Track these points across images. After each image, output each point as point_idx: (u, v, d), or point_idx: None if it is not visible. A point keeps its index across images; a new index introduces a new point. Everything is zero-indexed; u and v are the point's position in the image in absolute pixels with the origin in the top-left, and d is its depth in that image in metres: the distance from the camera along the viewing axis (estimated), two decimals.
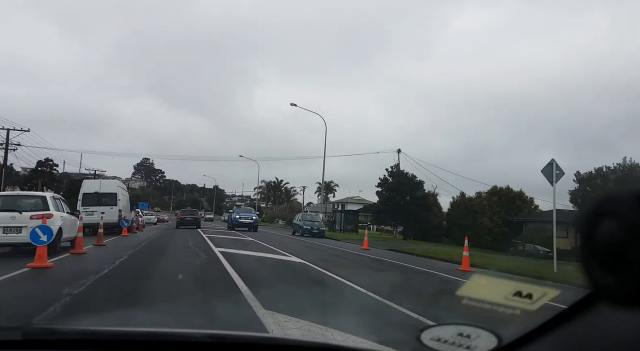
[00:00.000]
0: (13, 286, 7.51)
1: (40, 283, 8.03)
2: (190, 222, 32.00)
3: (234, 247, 16.69)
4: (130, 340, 1.65)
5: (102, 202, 23.58)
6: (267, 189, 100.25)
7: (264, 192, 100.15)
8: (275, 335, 4.12)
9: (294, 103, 36.98)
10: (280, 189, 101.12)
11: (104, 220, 19.55)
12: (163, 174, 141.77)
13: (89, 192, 23.97)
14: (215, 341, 1.66)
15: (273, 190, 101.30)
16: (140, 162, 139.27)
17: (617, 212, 0.73)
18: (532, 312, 1.07)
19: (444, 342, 1.25)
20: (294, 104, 36.46)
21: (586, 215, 0.78)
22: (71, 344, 1.60)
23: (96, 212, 22.54)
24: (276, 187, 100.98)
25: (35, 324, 4.55)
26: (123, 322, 4.76)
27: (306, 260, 13.31)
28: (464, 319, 1.33)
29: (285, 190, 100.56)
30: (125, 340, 1.65)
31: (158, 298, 6.92)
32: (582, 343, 0.97)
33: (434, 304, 7.20)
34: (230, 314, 5.90)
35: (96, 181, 28.38)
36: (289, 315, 5.31)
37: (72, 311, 5.51)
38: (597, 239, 0.75)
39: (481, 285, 1.28)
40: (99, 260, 11.25)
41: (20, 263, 9.56)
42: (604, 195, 0.77)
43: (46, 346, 1.59)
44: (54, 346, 1.58)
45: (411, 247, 25.65)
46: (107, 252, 13.74)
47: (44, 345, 1.60)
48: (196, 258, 12.25)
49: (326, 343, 1.77)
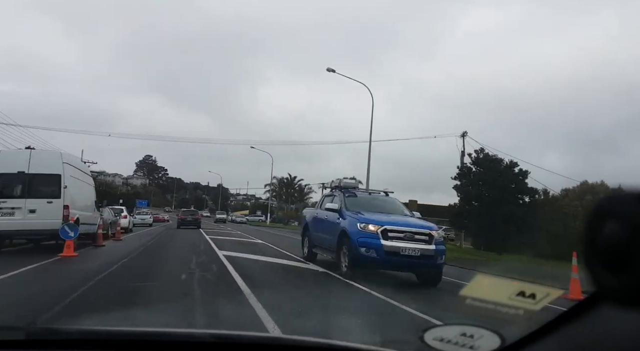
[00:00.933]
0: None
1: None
2: (191, 222, 32.59)
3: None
4: (133, 339, 1.66)
5: (32, 191, 12.62)
6: (278, 187, 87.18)
7: (276, 189, 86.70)
8: (279, 335, 4.12)
9: (331, 69, 29.42)
10: (294, 187, 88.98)
11: (31, 226, 12.22)
12: (166, 171, 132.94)
13: (7, 173, 12.76)
14: (219, 341, 1.66)
15: (285, 188, 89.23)
16: (142, 159, 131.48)
17: (620, 213, 0.73)
18: (535, 312, 1.07)
19: (447, 342, 1.25)
20: (331, 70, 29.03)
21: (589, 216, 0.78)
22: (74, 344, 1.61)
23: (19, 210, 12.36)
24: (289, 184, 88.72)
25: (38, 324, 4.57)
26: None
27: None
28: (467, 319, 1.33)
29: (300, 187, 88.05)
30: (128, 340, 1.65)
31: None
32: (585, 344, 0.96)
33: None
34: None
35: (22, 153, 14.61)
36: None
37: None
38: (600, 240, 0.75)
39: (484, 286, 1.28)
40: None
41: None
42: (606, 195, 0.77)
43: (49, 346, 1.59)
44: (57, 346, 1.58)
45: (500, 266, 17.65)
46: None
47: (46, 344, 1.60)
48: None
49: (330, 343, 1.77)
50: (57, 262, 10.49)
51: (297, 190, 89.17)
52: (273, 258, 12.93)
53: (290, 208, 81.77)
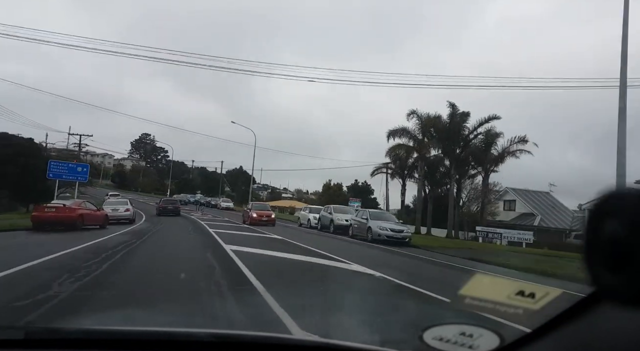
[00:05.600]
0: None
1: None
2: (171, 210, 34.08)
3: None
4: (132, 339, 1.65)
5: None
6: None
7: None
8: (279, 334, 4.12)
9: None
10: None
11: None
12: (166, 153, 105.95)
13: None
14: (219, 340, 1.66)
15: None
16: (138, 138, 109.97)
17: (621, 211, 0.72)
18: (534, 311, 1.07)
19: (447, 341, 1.25)
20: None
21: (590, 214, 0.78)
22: (74, 343, 1.61)
23: None
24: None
25: (36, 324, 4.55)
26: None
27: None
28: (466, 318, 1.33)
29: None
30: (127, 339, 1.65)
31: None
32: (584, 343, 0.96)
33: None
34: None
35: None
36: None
37: None
38: (600, 238, 0.75)
39: (484, 284, 1.28)
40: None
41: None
42: (607, 194, 0.77)
43: (49, 346, 1.59)
44: (57, 346, 1.58)
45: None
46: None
47: (46, 344, 1.60)
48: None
49: (329, 343, 1.77)
50: None
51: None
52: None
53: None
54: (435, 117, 35.66)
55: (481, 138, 35.42)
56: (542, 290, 1.10)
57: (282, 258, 11.60)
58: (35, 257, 9.11)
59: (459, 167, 35.64)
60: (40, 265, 8.41)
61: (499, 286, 1.19)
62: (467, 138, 35.34)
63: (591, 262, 0.76)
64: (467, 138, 35.31)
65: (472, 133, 35.16)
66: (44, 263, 8.74)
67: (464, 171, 36.82)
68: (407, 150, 37.29)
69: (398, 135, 36.66)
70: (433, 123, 35.49)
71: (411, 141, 36.49)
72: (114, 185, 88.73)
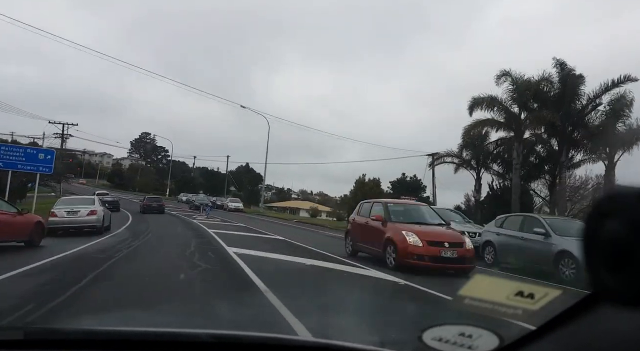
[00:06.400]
0: None
1: None
2: (155, 208, 34.92)
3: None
4: (132, 339, 1.65)
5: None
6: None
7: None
8: (279, 335, 4.12)
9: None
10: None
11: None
12: (166, 152, 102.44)
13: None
14: (219, 341, 1.66)
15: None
16: (138, 137, 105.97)
17: (620, 212, 0.72)
18: (534, 312, 1.06)
19: (446, 342, 1.24)
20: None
21: (589, 214, 0.78)
22: (73, 343, 1.60)
23: None
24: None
25: (35, 324, 4.55)
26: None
27: None
28: (465, 319, 1.33)
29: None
30: (126, 340, 1.65)
31: None
32: (584, 343, 0.96)
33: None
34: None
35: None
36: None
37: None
38: (600, 239, 0.75)
39: (483, 285, 1.28)
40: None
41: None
42: (606, 194, 0.76)
43: (49, 346, 1.58)
44: (57, 346, 1.58)
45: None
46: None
47: (46, 344, 1.60)
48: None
49: (329, 343, 1.76)
50: None
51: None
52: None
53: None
54: (541, 80, 24.47)
55: (603, 110, 24.12)
56: (541, 291, 1.10)
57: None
58: None
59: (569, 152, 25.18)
60: None
61: (497, 286, 1.19)
62: (583, 111, 24.41)
63: (591, 262, 0.76)
64: (583, 111, 24.43)
65: (591, 104, 24.10)
66: None
67: (569, 159, 25.64)
68: (497, 126, 26.26)
69: (481, 107, 25.67)
70: (535, 90, 24.47)
71: (502, 114, 25.58)
72: (111, 185, 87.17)
